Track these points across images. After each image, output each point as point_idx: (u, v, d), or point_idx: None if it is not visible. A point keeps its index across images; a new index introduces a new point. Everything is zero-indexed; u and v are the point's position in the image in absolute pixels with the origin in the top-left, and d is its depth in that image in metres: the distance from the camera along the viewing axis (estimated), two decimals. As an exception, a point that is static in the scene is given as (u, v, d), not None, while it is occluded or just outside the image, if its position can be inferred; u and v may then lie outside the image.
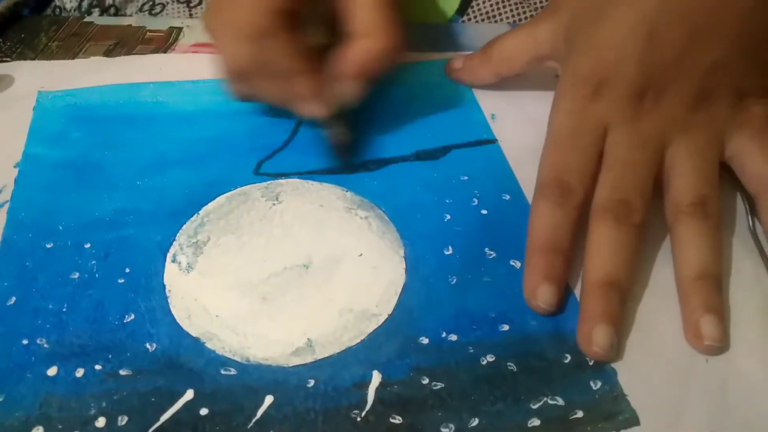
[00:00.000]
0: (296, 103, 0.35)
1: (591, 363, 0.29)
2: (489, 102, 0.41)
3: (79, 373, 0.28)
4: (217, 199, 0.35)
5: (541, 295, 0.30)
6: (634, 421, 0.27)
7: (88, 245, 0.33)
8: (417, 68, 0.43)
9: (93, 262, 0.32)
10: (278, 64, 0.33)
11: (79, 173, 0.36)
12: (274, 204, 0.35)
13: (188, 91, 0.41)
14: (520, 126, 0.39)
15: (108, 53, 0.45)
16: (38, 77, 0.42)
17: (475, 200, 0.35)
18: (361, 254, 0.32)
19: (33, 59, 0.45)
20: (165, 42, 0.46)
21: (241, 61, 0.34)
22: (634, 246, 0.31)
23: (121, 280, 0.31)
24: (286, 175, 0.36)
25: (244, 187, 0.36)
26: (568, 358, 0.29)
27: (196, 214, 0.34)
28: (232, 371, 0.28)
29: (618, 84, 0.33)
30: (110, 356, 0.29)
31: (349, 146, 0.37)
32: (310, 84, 0.34)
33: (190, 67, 0.43)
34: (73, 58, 0.45)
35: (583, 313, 0.29)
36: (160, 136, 0.38)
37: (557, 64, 0.38)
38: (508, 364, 0.28)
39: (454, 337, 0.29)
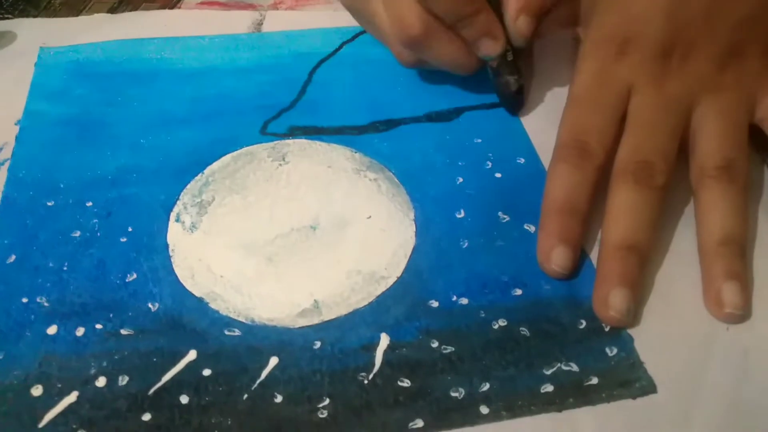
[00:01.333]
0: (477, 43, 0.34)
1: (607, 329, 0.27)
2: None
3: (80, 332, 0.27)
4: (223, 158, 0.34)
5: (556, 258, 0.29)
6: (651, 388, 0.26)
7: (89, 203, 0.32)
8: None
9: (95, 220, 0.31)
10: (456, 7, 0.33)
11: (81, 130, 0.35)
12: (280, 164, 0.34)
13: (193, 47, 0.40)
14: (536, 89, 0.38)
15: (113, 10, 0.44)
16: (41, 34, 0.41)
17: (489, 163, 0.34)
18: (369, 216, 0.31)
19: (36, 17, 0.44)
20: (171, -1, 0.45)
21: (413, 22, 0.33)
22: (656, 209, 0.30)
23: (124, 239, 0.31)
24: (294, 135, 0.35)
25: (250, 146, 0.35)
26: (583, 323, 0.28)
27: (200, 174, 0.33)
28: (236, 332, 0.27)
29: (643, 43, 0.32)
30: (111, 315, 0.28)
31: (520, 93, 0.36)
32: (489, 20, 0.33)
33: (196, 24, 0.41)
34: (77, 16, 0.44)
35: (599, 276, 0.28)
36: (164, 93, 0.37)
37: (579, 26, 0.36)
38: (521, 328, 0.27)
39: (465, 301, 0.28)
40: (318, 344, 0.27)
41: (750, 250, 0.30)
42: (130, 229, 0.31)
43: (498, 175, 0.33)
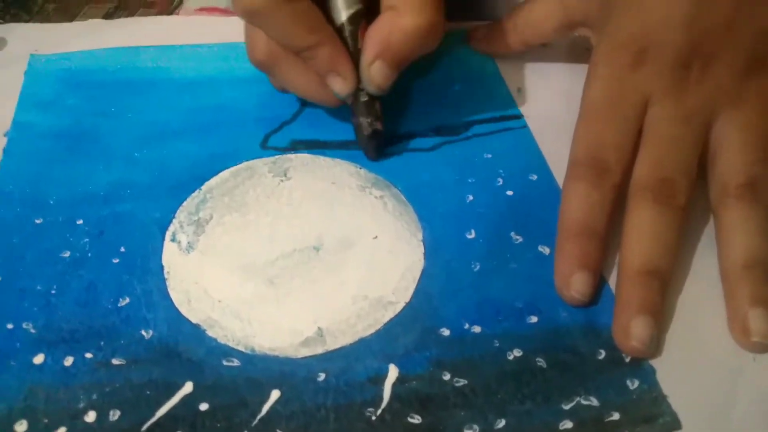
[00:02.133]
0: (325, 78, 0.31)
1: (627, 360, 0.26)
2: (514, 74, 0.38)
3: (68, 361, 0.26)
4: (221, 173, 0.32)
5: (576, 284, 0.27)
6: (676, 424, 0.24)
7: (80, 221, 0.30)
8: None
9: (85, 239, 0.30)
10: (291, 37, 0.30)
11: (72, 143, 0.34)
12: (282, 180, 0.32)
13: (191, 56, 0.38)
14: (548, 100, 0.36)
15: (108, 16, 0.43)
16: (32, 40, 0.39)
17: (500, 180, 0.32)
18: (376, 237, 0.30)
19: (27, 22, 0.42)
20: (169, 4, 0.43)
21: (258, 43, 0.31)
22: (678, 230, 0.28)
23: (116, 260, 0.29)
24: (296, 150, 0.34)
25: (251, 161, 0.33)
26: (602, 353, 0.26)
27: (198, 190, 0.32)
28: (236, 362, 0.26)
29: (661, 51, 0.30)
30: (102, 343, 0.26)
31: (380, 141, 0.33)
32: (333, 56, 0.30)
33: (194, 32, 0.40)
34: (71, 21, 0.42)
35: (619, 303, 0.27)
36: (160, 103, 0.36)
37: (591, 31, 0.35)
38: (537, 359, 0.26)
39: (477, 329, 0.27)
40: (322, 376, 0.25)
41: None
42: (122, 249, 0.29)
43: (509, 192, 0.32)
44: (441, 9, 0.30)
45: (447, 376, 0.25)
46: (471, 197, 0.32)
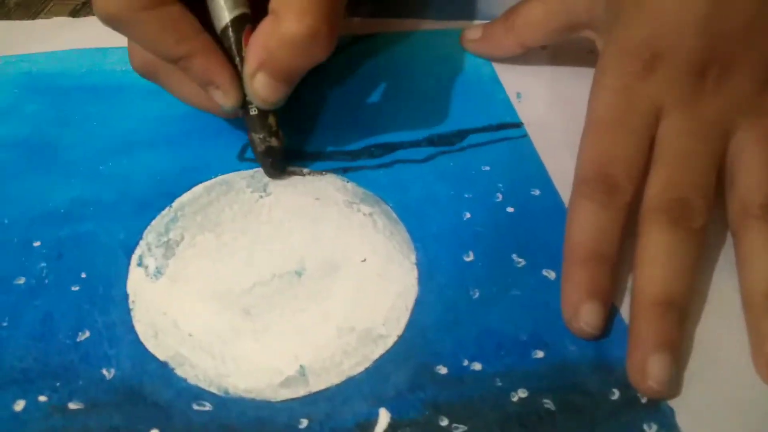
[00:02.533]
0: (207, 91, 0.28)
1: (644, 401, 0.23)
2: (513, 79, 0.35)
3: (19, 406, 0.23)
4: (194, 189, 0.30)
5: (585, 315, 0.25)
6: (698, 473, 0.22)
7: (37, 243, 0.27)
8: (427, 38, 0.37)
9: (42, 264, 0.27)
10: (158, 47, 0.27)
11: (30, 154, 0.31)
12: (261, 196, 0.29)
13: (163, 59, 0.35)
14: (550, 107, 0.34)
15: (74, 13, 0.39)
16: (-10, 40, 0.36)
17: (499, 195, 0.30)
18: (364, 259, 0.27)
19: (-14, 19, 0.39)
20: (139, 2, 0.40)
21: (134, 50, 0.28)
22: (695, 255, 0.26)
23: (75, 288, 0.26)
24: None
25: (226, 175, 0.30)
26: (616, 394, 0.24)
27: (168, 207, 0.29)
28: (207, 406, 0.23)
29: (675, 58, 0.28)
30: (58, 384, 0.23)
31: (276, 157, 0.29)
32: (208, 67, 0.27)
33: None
34: (33, 19, 0.39)
35: (634, 338, 0.24)
36: (128, 111, 0.33)
37: (595, 34, 0.32)
38: (545, 400, 0.23)
39: (478, 366, 0.24)
40: (305, 423, 0.23)
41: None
42: (83, 275, 0.26)
43: (510, 209, 0.29)
44: (328, 14, 0.26)
45: (444, 422, 0.23)
46: (468, 215, 0.29)
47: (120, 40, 0.29)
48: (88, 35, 0.37)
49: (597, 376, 0.24)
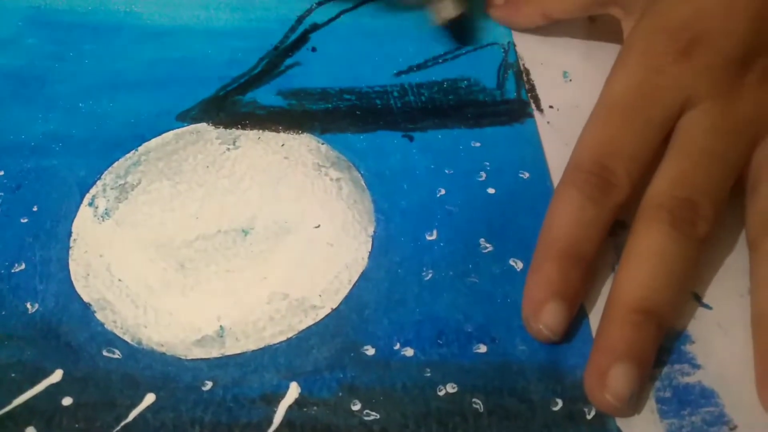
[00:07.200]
0: None
1: (589, 416, 0.21)
2: (561, 55, 0.31)
3: (-63, 327, 0.23)
4: (165, 134, 0.28)
5: (547, 316, 0.22)
6: None
7: (1, 172, 0.27)
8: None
9: (0, 194, 0.26)
10: None
11: (18, 86, 0.31)
12: (228, 149, 0.28)
13: (168, 1, 0.34)
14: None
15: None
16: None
17: (483, 174, 0.27)
18: (318, 225, 0.25)
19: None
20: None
21: None
22: (691, 266, 0.22)
23: (24, 220, 0.26)
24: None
25: (201, 124, 0.29)
26: (559, 404, 0.21)
27: (134, 150, 0.28)
28: (116, 354, 0.22)
29: (717, 44, 0.24)
30: (-20, 311, 0.23)
31: (460, 23, 0.31)
32: None
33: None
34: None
35: (600, 342, 0.21)
36: (122, 51, 0.32)
37: (623, 12, 0.28)
38: (474, 399, 0.21)
39: (409, 352, 0.22)
40: (209, 385, 0.21)
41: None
42: (35, 209, 0.26)
43: (491, 190, 0.27)
44: None
45: (357, 406, 0.21)
46: (443, 191, 0.26)
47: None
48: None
49: (541, 383, 0.21)
